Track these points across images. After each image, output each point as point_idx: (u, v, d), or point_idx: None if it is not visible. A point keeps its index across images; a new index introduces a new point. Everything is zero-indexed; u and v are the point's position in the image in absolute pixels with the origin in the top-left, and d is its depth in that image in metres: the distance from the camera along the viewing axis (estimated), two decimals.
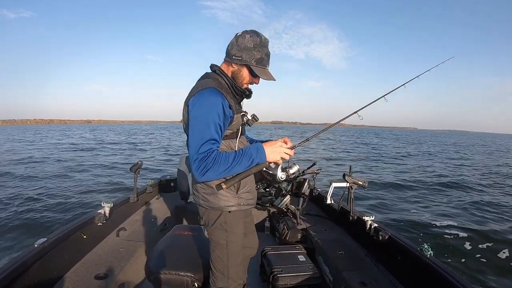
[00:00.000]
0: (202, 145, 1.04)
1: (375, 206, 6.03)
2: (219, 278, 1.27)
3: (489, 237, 4.47)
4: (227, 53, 1.22)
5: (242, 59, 1.18)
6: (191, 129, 1.09)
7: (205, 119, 1.06)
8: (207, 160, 1.03)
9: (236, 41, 1.19)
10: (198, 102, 1.09)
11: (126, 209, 2.66)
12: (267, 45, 1.21)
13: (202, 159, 1.03)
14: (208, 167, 1.02)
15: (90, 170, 9.94)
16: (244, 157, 1.09)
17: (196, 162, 1.03)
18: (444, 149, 25.05)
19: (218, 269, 1.26)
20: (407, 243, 1.78)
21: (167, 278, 1.08)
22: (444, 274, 1.42)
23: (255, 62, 1.18)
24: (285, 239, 2.52)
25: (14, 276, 1.37)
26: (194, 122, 1.08)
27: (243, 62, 1.18)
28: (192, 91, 1.15)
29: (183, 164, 2.77)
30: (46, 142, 23.48)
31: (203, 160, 1.03)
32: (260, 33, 1.20)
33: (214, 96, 1.09)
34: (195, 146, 1.05)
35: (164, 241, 1.27)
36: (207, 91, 1.10)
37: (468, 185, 8.46)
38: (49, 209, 5.59)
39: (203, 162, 1.03)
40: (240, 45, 1.17)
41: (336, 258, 1.98)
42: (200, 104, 1.08)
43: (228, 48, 1.21)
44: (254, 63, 1.18)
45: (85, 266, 1.78)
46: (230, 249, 1.26)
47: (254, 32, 1.20)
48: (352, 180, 2.27)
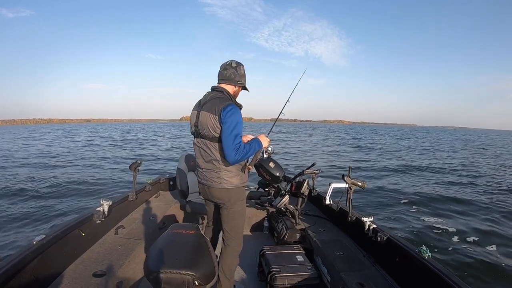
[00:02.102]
0: (237, 139, 1.58)
1: (373, 205, 6.05)
2: (236, 240, 1.81)
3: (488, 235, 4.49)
4: (230, 79, 1.72)
5: (242, 83, 1.77)
6: (227, 130, 1.56)
7: (237, 124, 1.58)
8: (239, 148, 1.57)
9: (236, 71, 1.72)
10: (230, 112, 1.58)
11: (125, 207, 2.66)
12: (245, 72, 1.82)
13: (238, 148, 1.56)
14: (240, 152, 1.57)
15: (89, 168, 9.93)
16: (254, 145, 1.70)
17: (234, 150, 1.55)
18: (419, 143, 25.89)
19: (236, 233, 1.80)
20: (405, 244, 1.78)
21: (167, 277, 1.07)
22: (441, 275, 1.42)
23: (244, 80, 1.80)
24: (283, 239, 2.52)
25: (12, 272, 1.37)
26: (229, 126, 1.56)
27: (242, 84, 1.78)
28: (218, 105, 1.60)
29: (182, 163, 2.77)
30: (51, 140, 23.46)
31: (238, 149, 1.57)
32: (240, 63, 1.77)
33: (238, 110, 1.64)
34: (232, 140, 1.55)
35: (162, 240, 1.27)
36: (233, 106, 1.62)
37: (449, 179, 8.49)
38: (47, 206, 5.59)
39: (238, 150, 1.56)
40: (240, 74, 1.74)
41: (334, 259, 1.98)
42: (231, 114, 1.58)
43: (230, 75, 1.72)
44: (244, 81, 1.80)
45: (83, 264, 1.78)
46: (244, 215, 1.83)
47: (241, 63, 1.76)
48: (351, 181, 2.27)
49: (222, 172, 1.69)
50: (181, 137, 29.44)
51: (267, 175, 3.07)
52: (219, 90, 1.71)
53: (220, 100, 1.63)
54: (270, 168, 3.03)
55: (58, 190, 6.74)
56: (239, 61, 1.76)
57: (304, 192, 2.80)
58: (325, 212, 2.94)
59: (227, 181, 1.70)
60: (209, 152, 1.68)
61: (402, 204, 6.34)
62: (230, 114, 1.57)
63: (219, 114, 1.58)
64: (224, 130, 1.57)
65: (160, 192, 3.43)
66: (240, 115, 1.63)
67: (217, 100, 1.64)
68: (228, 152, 1.56)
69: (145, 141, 23.44)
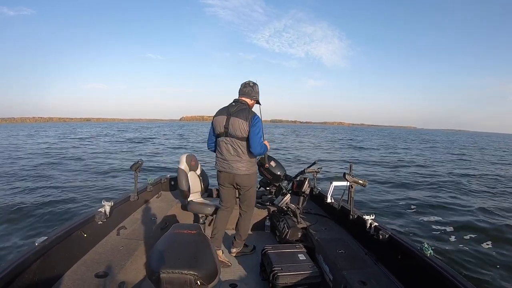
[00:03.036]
0: (261, 138, 2.23)
1: (374, 203, 6.05)
2: (250, 210, 2.47)
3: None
4: (248, 94, 2.31)
5: (257, 98, 2.36)
6: (255, 132, 2.17)
7: (261, 128, 2.23)
8: (262, 145, 2.23)
9: (252, 89, 2.32)
10: (256, 120, 2.20)
11: (127, 207, 2.66)
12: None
13: (261, 145, 2.22)
14: (263, 147, 2.24)
15: (89, 169, 9.95)
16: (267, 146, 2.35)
17: (259, 146, 2.20)
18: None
19: (251, 206, 2.47)
20: (407, 242, 1.78)
21: (170, 277, 1.07)
22: (444, 273, 1.42)
23: (259, 97, 2.39)
24: (285, 238, 2.52)
25: (15, 274, 1.37)
26: (256, 129, 2.18)
27: (257, 99, 2.36)
28: (247, 114, 2.20)
29: (183, 163, 2.77)
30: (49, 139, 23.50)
31: (261, 145, 2.22)
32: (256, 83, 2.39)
33: (260, 118, 2.27)
34: (258, 139, 2.19)
35: (164, 240, 1.27)
36: (258, 116, 2.25)
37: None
38: (49, 207, 5.60)
39: (261, 146, 2.22)
40: (255, 91, 2.34)
41: (336, 257, 1.97)
42: (257, 121, 2.21)
43: (249, 92, 2.31)
44: (259, 97, 2.39)
45: (86, 265, 1.78)
46: (255, 193, 2.48)
47: (256, 83, 2.37)
48: (353, 179, 2.27)
49: (245, 162, 2.27)
50: (180, 136, 29.37)
51: (268, 174, 3.07)
52: (243, 103, 2.28)
53: (248, 111, 2.23)
54: (271, 167, 3.03)
55: (58, 191, 6.75)
56: (255, 82, 2.37)
57: (305, 191, 2.79)
58: (326, 211, 2.94)
59: (249, 169, 2.30)
60: (237, 147, 2.23)
61: (401, 204, 6.34)
62: (256, 121, 2.20)
63: (250, 121, 2.18)
64: (252, 132, 2.18)
65: (162, 192, 3.43)
66: (261, 122, 2.27)
67: (245, 110, 2.23)
68: (255, 147, 2.19)
69: (146, 139, 23.42)
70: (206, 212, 2.72)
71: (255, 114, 2.23)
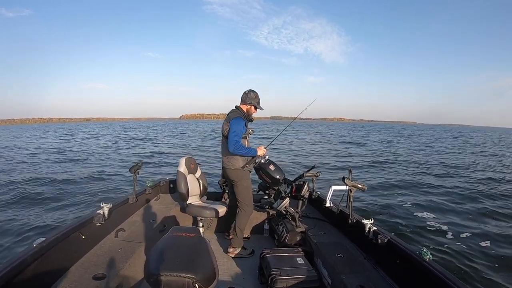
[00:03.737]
0: (235, 137, 2.46)
1: (371, 205, 6.04)
2: (247, 206, 2.66)
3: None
4: (243, 100, 2.65)
5: (252, 103, 2.65)
6: (231, 132, 2.46)
7: (236, 129, 2.48)
8: (236, 144, 2.46)
9: (247, 96, 2.64)
10: (234, 121, 2.51)
11: (125, 209, 2.66)
12: (258, 96, 2.70)
13: (235, 144, 2.45)
14: (238, 147, 2.47)
15: (88, 170, 9.93)
16: (250, 150, 2.59)
17: (232, 144, 2.44)
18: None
19: (246, 202, 2.65)
20: (406, 246, 1.78)
21: (168, 280, 1.07)
22: (442, 278, 1.42)
23: (257, 103, 2.69)
24: (284, 242, 2.52)
25: (12, 275, 1.37)
26: (232, 129, 2.47)
27: (252, 104, 2.66)
28: (230, 116, 2.56)
29: (182, 165, 2.77)
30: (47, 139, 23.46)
31: (235, 144, 2.45)
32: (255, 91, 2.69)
33: (241, 120, 2.54)
34: (232, 137, 2.45)
35: (162, 243, 1.27)
36: (238, 118, 2.54)
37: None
38: (47, 208, 5.58)
39: (235, 145, 2.45)
40: (250, 97, 2.65)
41: (334, 261, 1.97)
42: (234, 122, 2.50)
43: (245, 99, 2.64)
44: (257, 104, 2.69)
45: (83, 267, 1.77)
46: (250, 190, 2.70)
47: (253, 90, 2.67)
48: (352, 183, 2.27)
49: (230, 158, 2.60)
50: (181, 135, 29.27)
51: (267, 178, 3.07)
52: (237, 108, 2.66)
53: (234, 114, 2.58)
54: (270, 171, 3.03)
55: (56, 193, 6.73)
56: (253, 89, 2.68)
57: (304, 195, 2.79)
58: (325, 215, 2.93)
59: (233, 164, 2.60)
60: (225, 145, 2.58)
61: (400, 202, 6.33)
62: (233, 123, 2.50)
63: (229, 121, 2.53)
64: (229, 131, 2.49)
65: (160, 195, 3.43)
66: (240, 124, 2.51)
67: (232, 113, 2.60)
68: (229, 145, 2.47)
69: (144, 139, 23.34)
70: (204, 215, 2.72)
71: (237, 117, 2.53)
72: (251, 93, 2.64)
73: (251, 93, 2.64)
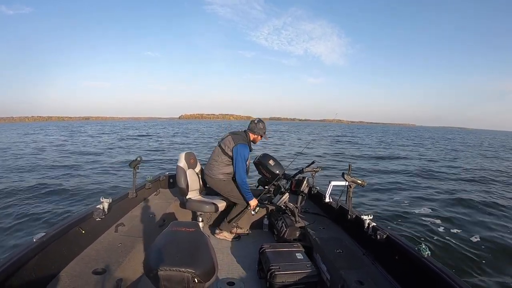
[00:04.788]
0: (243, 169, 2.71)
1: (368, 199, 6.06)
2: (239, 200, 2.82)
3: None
4: (251, 129, 2.81)
5: (259, 133, 2.82)
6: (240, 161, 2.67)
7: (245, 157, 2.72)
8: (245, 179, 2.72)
9: (256, 126, 2.80)
10: (242, 149, 2.69)
11: (125, 204, 2.66)
12: (265, 127, 2.86)
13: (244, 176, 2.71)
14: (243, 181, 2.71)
15: (89, 166, 9.94)
16: (249, 193, 2.76)
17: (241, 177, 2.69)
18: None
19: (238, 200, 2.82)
20: (405, 242, 1.79)
21: (167, 275, 1.07)
22: (440, 274, 1.42)
23: (264, 133, 2.85)
24: (283, 237, 2.53)
25: (12, 270, 1.37)
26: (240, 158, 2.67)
27: (259, 134, 2.83)
28: (238, 140, 2.71)
29: (182, 160, 2.76)
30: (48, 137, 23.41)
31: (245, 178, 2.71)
32: (263, 121, 2.84)
33: (246, 148, 2.73)
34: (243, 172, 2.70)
35: (162, 238, 1.27)
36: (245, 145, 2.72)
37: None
38: (47, 203, 5.60)
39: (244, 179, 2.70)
40: (258, 127, 2.81)
41: (334, 257, 1.98)
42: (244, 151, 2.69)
43: (254, 129, 2.80)
44: (264, 134, 2.85)
45: (83, 261, 1.78)
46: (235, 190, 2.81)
47: (262, 121, 2.83)
48: (351, 179, 2.27)
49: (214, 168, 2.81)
50: (181, 135, 29.20)
51: (267, 173, 3.07)
52: (244, 133, 2.83)
53: (241, 139, 2.73)
54: (270, 166, 3.02)
55: (56, 188, 6.74)
56: (261, 119, 2.85)
57: (304, 190, 2.80)
58: (325, 210, 2.94)
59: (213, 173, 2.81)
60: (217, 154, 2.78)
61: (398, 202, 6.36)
62: (240, 149, 2.68)
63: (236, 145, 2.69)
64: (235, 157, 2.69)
65: (160, 190, 3.43)
66: (246, 152, 2.71)
67: (239, 137, 2.74)
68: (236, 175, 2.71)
69: (145, 136, 23.33)
70: (204, 209, 2.72)
71: (243, 143, 2.71)
72: (260, 124, 2.80)
73: (260, 124, 2.80)
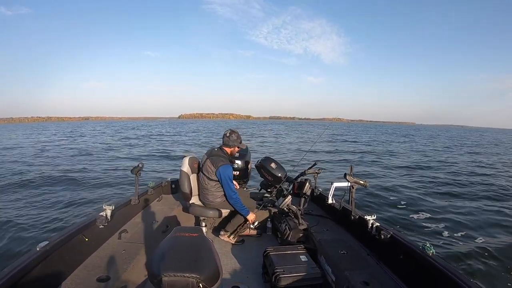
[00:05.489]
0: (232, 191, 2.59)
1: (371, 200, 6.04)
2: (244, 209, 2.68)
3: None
4: (226, 143, 2.68)
5: (236, 145, 2.71)
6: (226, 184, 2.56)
7: (230, 177, 2.57)
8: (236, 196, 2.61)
9: (229, 139, 2.66)
10: (225, 170, 2.54)
11: (128, 211, 2.66)
12: (239, 136, 2.73)
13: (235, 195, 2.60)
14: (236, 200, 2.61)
15: (90, 171, 9.94)
16: (244, 208, 2.65)
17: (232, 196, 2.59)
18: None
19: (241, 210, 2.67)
20: (409, 242, 1.78)
21: (172, 280, 1.07)
22: (447, 272, 1.41)
23: (239, 143, 2.73)
24: (287, 240, 2.52)
25: (16, 279, 1.37)
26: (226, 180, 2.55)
27: (236, 144, 2.70)
28: (218, 163, 2.55)
29: (186, 165, 2.76)
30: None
31: (236, 196, 2.60)
32: (235, 130, 2.73)
33: (229, 167, 2.58)
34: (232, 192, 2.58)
35: (165, 243, 1.26)
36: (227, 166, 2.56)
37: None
38: (50, 211, 5.59)
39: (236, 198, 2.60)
40: (231, 139, 2.67)
41: (338, 258, 1.97)
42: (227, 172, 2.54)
43: (228, 142, 2.67)
44: (239, 144, 2.73)
45: (87, 269, 1.78)
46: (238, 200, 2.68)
47: (234, 131, 2.71)
48: (353, 180, 2.27)
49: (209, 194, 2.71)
50: (183, 135, 29.13)
51: (269, 176, 3.06)
52: (221, 149, 2.70)
53: (220, 160, 2.57)
54: (271, 169, 3.02)
55: (59, 195, 6.74)
56: (233, 130, 2.72)
57: (306, 192, 2.79)
58: (328, 212, 2.93)
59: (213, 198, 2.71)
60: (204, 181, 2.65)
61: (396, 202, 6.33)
62: (223, 171, 2.53)
63: (217, 169, 2.54)
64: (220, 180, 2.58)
65: (163, 196, 3.43)
66: (230, 171, 2.57)
67: (217, 159, 2.58)
68: (228, 197, 2.62)
69: (145, 136, 23.28)
70: (207, 215, 2.72)
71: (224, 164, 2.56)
72: (233, 135, 2.67)
73: (233, 135, 2.67)
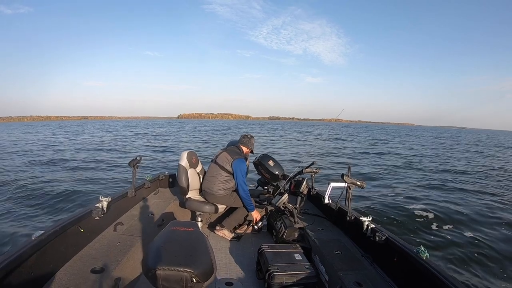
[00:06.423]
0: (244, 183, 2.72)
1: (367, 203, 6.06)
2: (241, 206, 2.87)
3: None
4: (244, 143, 2.89)
5: (251, 148, 2.93)
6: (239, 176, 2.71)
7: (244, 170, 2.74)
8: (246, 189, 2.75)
9: (249, 141, 2.90)
10: (240, 163, 2.73)
11: (124, 203, 2.66)
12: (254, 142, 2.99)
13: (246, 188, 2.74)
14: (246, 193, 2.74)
15: (90, 166, 9.92)
16: (251, 204, 2.80)
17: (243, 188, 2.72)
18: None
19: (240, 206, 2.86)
20: (404, 244, 1.79)
21: (166, 274, 1.07)
22: (439, 276, 1.42)
23: (253, 148, 2.96)
24: (282, 238, 2.52)
25: (11, 268, 1.37)
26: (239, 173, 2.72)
27: (252, 148, 2.94)
28: (234, 155, 2.76)
29: (184, 159, 2.76)
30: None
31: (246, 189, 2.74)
32: (254, 136, 3.00)
33: (243, 162, 2.77)
34: (244, 185, 2.72)
35: (161, 237, 1.26)
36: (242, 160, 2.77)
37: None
38: (47, 200, 5.59)
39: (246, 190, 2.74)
40: (251, 142, 2.91)
41: (332, 258, 1.98)
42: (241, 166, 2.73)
43: (247, 143, 2.89)
44: (253, 149, 2.97)
45: (82, 260, 1.78)
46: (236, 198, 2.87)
47: (253, 137, 2.98)
48: (351, 180, 2.27)
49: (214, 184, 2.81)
50: (185, 134, 29.09)
51: (266, 174, 3.07)
52: (237, 148, 2.88)
53: (236, 154, 2.79)
54: (269, 167, 3.02)
55: (55, 186, 6.74)
56: (252, 135, 2.99)
57: (303, 191, 2.79)
58: (324, 211, 2.94)
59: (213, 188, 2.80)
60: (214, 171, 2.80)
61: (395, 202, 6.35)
62: (238, 164, 2.72)
63: (233, 160, 2.74)
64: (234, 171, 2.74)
65: (159, 189, 3.43)
66: (244, 165, 2.76)
67: (234, 152, 2.80)
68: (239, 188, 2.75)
69: (146, 134, 23.27)
70: (204, 210, 2.72)
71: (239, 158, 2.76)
72: (252, 139, 2.94)
73: (252, 139, 2.94)
